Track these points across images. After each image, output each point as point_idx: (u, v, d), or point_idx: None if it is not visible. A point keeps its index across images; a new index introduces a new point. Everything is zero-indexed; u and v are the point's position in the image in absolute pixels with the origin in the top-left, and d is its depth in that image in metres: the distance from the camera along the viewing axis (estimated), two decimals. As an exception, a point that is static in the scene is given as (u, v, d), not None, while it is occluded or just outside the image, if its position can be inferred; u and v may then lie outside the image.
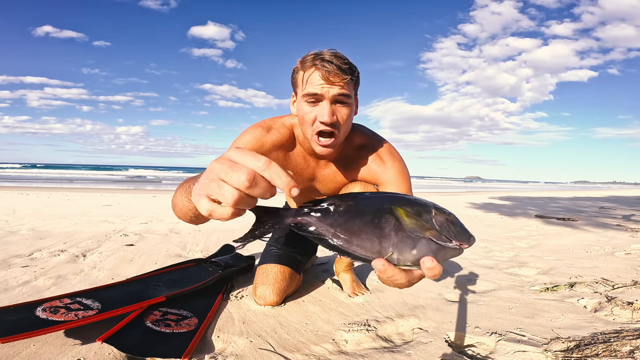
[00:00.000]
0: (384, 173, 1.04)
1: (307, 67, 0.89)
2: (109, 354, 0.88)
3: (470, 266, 1.82)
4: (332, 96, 0.88)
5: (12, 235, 2.33)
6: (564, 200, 7.37)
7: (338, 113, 0.90)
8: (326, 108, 0.88)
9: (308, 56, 0.90)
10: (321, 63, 0.87)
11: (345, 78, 0.87)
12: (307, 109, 0.90)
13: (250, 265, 1.64)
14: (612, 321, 1.10)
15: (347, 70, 0.88)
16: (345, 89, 0.88)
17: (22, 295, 1.26)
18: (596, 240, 2.53)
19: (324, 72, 0.86)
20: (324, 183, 1.13)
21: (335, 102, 0.89)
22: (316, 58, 0.88)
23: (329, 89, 0.87)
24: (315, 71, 0.87)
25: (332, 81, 0.87)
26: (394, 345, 0.98)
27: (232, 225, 3.12)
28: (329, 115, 0.87)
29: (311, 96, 0.88)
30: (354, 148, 1.07)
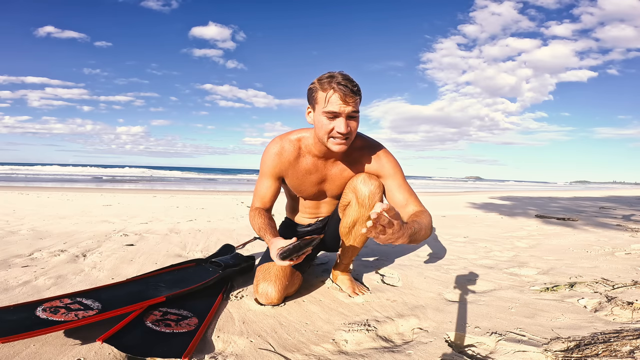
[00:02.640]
0: (382, 168, 1.28)
1: (326, 88, 1.09)
2: (109, 354, 0.88)
3: (470, 266, 1.82)
4: (347, 113, 1.09)
5: (12, 235, 2.33)
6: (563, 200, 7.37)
7: (351, 125, 1.12)
8: (343, 123, 1.09)
9: (324, 78, 1.10)
10: (338, 86, 1.07)
11: (356, 99, 1.10)
12: (326, 122, 1.11)
13: (250, 265, 1.64)
14: (612, 321, 1.10)
15: (357, 92, 1.10)
16: (355, 107, 1.11)
17: (22, 295, 1.26)
18: (596, 240, 2.53)
19: (342, 95, 1.07)
20: (333, 181, 1.32)
21: (348, 118, 1.11)
22: (332, 81, 1.08)
23: (345, 108, 1.08)
24: (334, 93, 1.08)
25: (347, 102, 1.08)
26: (394, 345, 0.98)
27: (232, 225, 3.12)
28: (345, 128, 1.09)
29: (331, 113, 1.09)
30: (356, 149, 1.28)
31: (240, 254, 1.75)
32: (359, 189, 1.23)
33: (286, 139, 1.28)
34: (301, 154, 1.28)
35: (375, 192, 1.22)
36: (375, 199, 1.23)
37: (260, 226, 1.24)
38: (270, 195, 1.32)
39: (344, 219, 1.31)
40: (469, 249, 2.27)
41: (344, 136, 1.12)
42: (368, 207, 1.23)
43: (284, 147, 1.27)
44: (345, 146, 1.14)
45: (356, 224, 1.28)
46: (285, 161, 1.27)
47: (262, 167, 1.31)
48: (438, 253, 2.13)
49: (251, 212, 1.32)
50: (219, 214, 3.90)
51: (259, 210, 1.30)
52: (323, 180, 1.32)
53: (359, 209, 1.25)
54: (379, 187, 1.23)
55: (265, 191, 1.32)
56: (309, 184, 1.32)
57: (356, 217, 1.26)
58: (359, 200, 1.23)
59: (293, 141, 1.28)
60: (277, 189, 1.33)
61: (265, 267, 1.28)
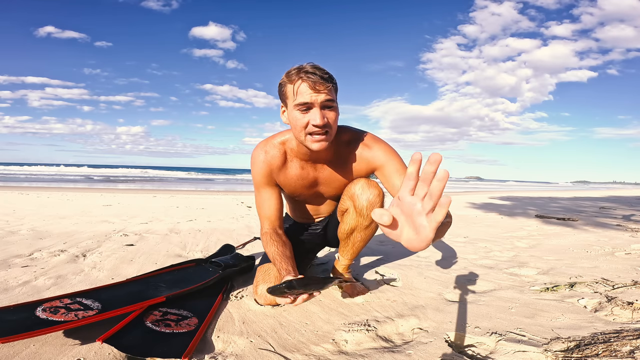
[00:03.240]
0: (374, 157, 1.17)
1: (294, 80, 1.01)
2: (109, 354, 0.88)
3: (470, 266, 1.82)
4: (320, 102, 1.00)
5: (12, 235, 2.33)
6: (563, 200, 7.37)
7: (327, 116, 1.02)
8: (317, 113, 1.00)
9: (292, 71, 1.02)
10: (306, 75, 0.99)
11: (328, 86, 1.00)
12: (299, 116, 1.02)
13: (250, 265, 1.64)
14: (612, 321, 1.10)
15: (328, 79, 1.01)
16: (329, 95, 1.01)
17: (22, 295, 1.26)
18: (596, 240, 2.53)
19: (311, 83, 0.99)
20: (328, 184, 1.24)
21: (323, 108, 1.02)
22: (300, 72, 1.00)
23: (317, 97, 1.00)
24: (303, 83, 1.00)
25: (318, 90, 0.99)
26: (394, 345, 0.98)
27: (232, 225, 3.12)
28: (320, 118, 1.00)
29: (303, 105, 1.00)
30: (343, 144, 1.18)
31: (240, 254, 1.75)
32: (357, 197, 1.15)
33: (270, 144, 1.20)
34: (288, 159, 1.19)
35: (374, 202, 1.14)
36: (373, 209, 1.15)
37: (274, 257, 1.11)
38: (274, 209, 1.23)
39: (342, 225, 1.26)
40: (469, 249, 2.27)
41: (322, 130, 1.02)
42: (366, 216, 1.17)
43: (269, 153, 1.19)
44: (325, 142, 1.04)
45: (354, 231, 1.23)
46: (274, 167, 1.19)
47: (254, 179, 1.23)
48: (438, 253, 2.13)
49: (263, 238, 1.21)
50: (219, 214, 3.90)
51: (269, 236, 1.19)
52: (316, 184, 1.24)
53: (356, 217, 1.18)
54: (378, 196, 1.15)
55: (267, 205, 1.23)
56: (302, 189, 1.25)
57: (354, 225, 1.21)
58: (357, 209, 1.17)
59: (277, 145, 1.19)
60: (277, 198, 1.25)
61: (265, 268, 1.27)
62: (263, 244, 1.20)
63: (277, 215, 1.24)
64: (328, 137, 1.05)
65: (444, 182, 0.41)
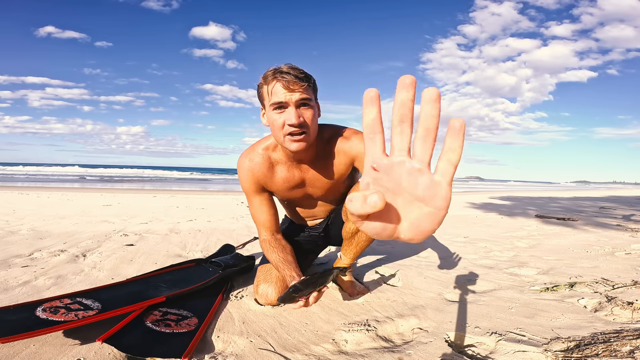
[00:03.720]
0: (352, 147, 1.14)
1: (269, 81, 1.01)
2: (109, 354, 0.88)
3: (470, 266, 1.82)
4: (295, 101, 1.00)
5: (12, 235, 2.33)
6: (563, 200, 7.37)
7: (303, 115, 1.01)
8: (292, 112, 1.00)
9: (268, 72, 1.02)
10: (281, 75, 0.99)
11: (303, 85, 1.00)
12: (275, 117, 1.02)
13: (250, 265, 1.64)
14: (612, 321, 1.10)
15: (303, 78, 1.00)
16: (305, 94, 1.01)
17: (22, 295, 1.26)
18: (596, 240, 2.53)
19: (284, 82, 0.98)
20: (314, 185, 1.22)
21: (299, 107, 1.01)
22: (276, 72, 1.00)
23: (292, 96, 0.99)
24: (277, 83, 1.00)
25: (292, 89, 0.99)
26: (394, 345, 0.98)
27: (232, 225, 3.12)
28: (295, 117, 0.99)
29: (277, 104, 1.00)
30: (324, 143, 1.16)
31: (240, 254, 1.75)
32: None
33: (254, 152, 1.19)
34: (273, 164, 1.18)
35: None
36: None
37: (277, 264, 1.13)
38: (268, 215, 1.23)
39: (347, 224, 1.26)
40: (469, 249, 2.27)
41: (299, 129, 1.01)
42: None
43: (254, 160, 1.18)
44: (304, 142, 1.03)
45: (359, 231, 1.22)
46: (259, 174, 1.18)
47: (243, 188, 1.22)
48: (438, 253, 2.13)
49: (262, 246, 1.23)
50: (219, 214, 3.90)
51: (268, 243, 1.20)
52: (303, 185, 1.22)
53: None
54: None
55: (260, 212, 1.23)
56: (291, 193, 1.24)
57: None
58: None
59: (261, 152, 1.18)
60: (270, 203, 1.24)
61: (266, 268, 1.27)
62: (263, 251, 1.21)
63: (272, 220, 1.24)
64: (306, 137, 1.03)
65: (437, 102, 0.28)
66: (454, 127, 0.28)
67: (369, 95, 0.29)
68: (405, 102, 0.28)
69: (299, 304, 0.91)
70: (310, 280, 0.92)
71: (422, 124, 0.28)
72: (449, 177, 0.29)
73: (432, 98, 0.27)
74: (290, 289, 0.90)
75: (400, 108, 0.28)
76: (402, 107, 0.28)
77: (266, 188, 1.22)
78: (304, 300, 0.91)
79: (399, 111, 0.28)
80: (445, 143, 0.28)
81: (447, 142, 0.28)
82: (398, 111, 0.29)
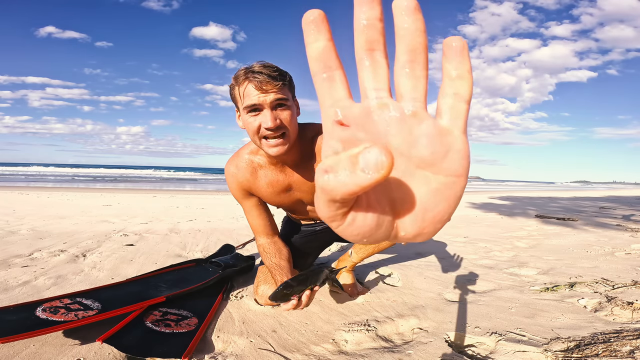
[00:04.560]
0: None
1: (241, 82, 0.94)
2: (109, 354, 0.88)
3: (470, 266, 1.82)
4: (270, 103, 0.92)
5: (12, 235, 2.33)
6: (563, 200, 7.37)
7: (280, 116, 0.94)
8: (267, 115, 0.92)
9: (240, 72, 0.95)
10: (252, 75, 0.91)
11: (277, 84, 0.92)
12: (250, 120, 0.95)
13: (250, 265, 1.64)
14: (612, 321, 1.10)
15: (277, 77, 0.92)
16: (280, 93, 0.93)
17: (22, 295, 1.26)
18: (596, 240, 2.53)
19: (257, 83, 0.91)
20: (301, 189, 1.14)
21: (275, 108, 0.94)
22: (247, 72, 0.93)
23: (266, 97, 0.92)
24: (249, 84, 0.92)
25: (265, 90, 0.91)
26: (394, 345, 0.98)
27: (232, 225, 3.12)
28: (271, 120, 0.92)
29: (251, 107, 0.93)
30: (308, 142, 1.09)
31: (240, 254, 1.75)
32: None
33: (238, 157, 1.14)
34: (256, 168, 1.12)
35: None
36: None
37: (271, 270, 1.12)
38: (261, 219, 1.19)
39: None
40: (469, 249, 2.27)
41: (277, 132, 0.94)
42: None
43: (238, 166, 1.13)
44: (283, 146, 0.96)
45: None
46: (243, 180, 1.13)
47: (232, 194, 1.19)
48: (438, 253, 2.13)
49: (259, 250, 1.21)
50: (219, 214, 3.90)
51: (262, 248, 1.19)
52: (290, 189, 1.15)
53: None
54: None
55: (253, 217, 1.19)
56: (279, 198, 1.17)
57: None
58: None
59: (245, 158, 1.13)
60: (261, 207, 1.20)
61: (266, 269, 1.27)
62: (261, 255, 1.20)
63: (266, 224, 1.20)
64: (286, 140, 0.96)
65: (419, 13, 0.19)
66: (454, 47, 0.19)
67: (309, 19, 0.19)
68: (372, 22, 0.18)
69: (292, 303, 0.87)
70: (301, 278, 0.89)
71: (405, 45, 0.19)
72: (462, 121, 0.19)
73: (411, 7, 0.18)
74: (281, 286, 0.87)
75: (364, 31, 0.19)
76: (368, 29, 0.19)
77: (253, 193, 1.17)
78: (296, 299, 0.87)
79: (364, 35, 0.19)
80: (446, 70, 0.19)
81: (449, 68, 0.19)
82: (362, 35, 0.19)
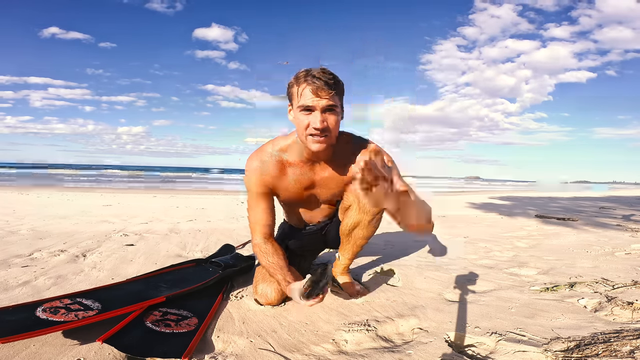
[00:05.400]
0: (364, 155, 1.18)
1: (300, 83, 1.05)
2: (109, 354, 0.88)
3: (470, 266, 1.82)
4: (322, 107, 1.04)
5: (12, 235, 2.33)
6: (563, 200, 7.37)
7: (327, 120, 1.06)
8: (317, 117, 1.04)
9: (301, 73, 1.06)
10: (311, 80, 1.03)
11: (331, 92, 1.04)
12: (302, 118, 1.07)
13: (250, 265, 1.64)
14: (612, 321, 1.10)
15: (332, 85, 1.04)
16: (331, 100, 1.05)
17: (22, 295, 1.26)
18: (596, 240, 2.53)
19: (314, 88, 1.03)
20: (325, 185, 1.23)
21: (324, 111, 1.05)
22: (307, 75, 1.04)
23: (319, 102, 1.03)
24: (307, 87, 1.04)
25: (320, 95, 1.03)
26: (394, 345, 0.98)
27: (232, 225, 3.12)
28: (320, 122, 1.04)
29: (305, 107, 1.05)
30: (341, 146, 1.20)
31: (240, 254, 1.75)
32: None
33: (264, 152, 1.20)
34: (285, 165, 1.19)
35: None
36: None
37: (269, 269, 1.17)
38: (264, 218, 1.23)
39: (344, 220, 1.27)
40: (469, 249, 2.27)
41: (321, 133, 1.05)
42: (368, 212, 1.19)
43: (264, 161, 1.19)
44: (324, 144, 1.07)
45: (356, 227, 1.24)
46: (268, 176, 1.19)
47: (249, 188, 1.23)
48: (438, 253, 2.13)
49: (255, 249, 1.24)
50: (219, 214, 3.90)
51: (259, 247, 1.22)
52: (313, 186, 1.23)
53: (359, 213, 1.21)
54: None
55: (259, 214, 1.23)
56: (298, 193, 1.24)
57: (357, 220, 1.23)
58: (360, 206, 1.19)
59: (273, 154, 1.19)
60: (270, 208, 1.24)
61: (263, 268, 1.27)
62: (256, 256, 1.22)
63: (269, 224, 1.24)
64: (327, 140, 1.08)
65: None
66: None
67: None
68: None
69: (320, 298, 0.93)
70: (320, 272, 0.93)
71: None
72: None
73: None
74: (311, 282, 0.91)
75: None
76: None
77: (273, 190, 1.22)
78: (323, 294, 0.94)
79: None
80: None
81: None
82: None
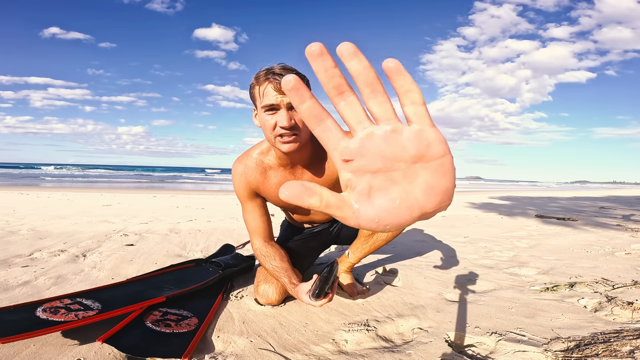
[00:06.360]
0: None
1: (261, 82, 1.00)
2: (109, 354, 0.88)
3: (470, 266, 1.82)
4: (287, 104, 0.98)
5: (12, 235, 2.33)
6: (563, 200, 7.36)
7: (295, 117, 1.00)
8: (284, 115, 0.98)
9: (261, 72, 1.01)
10: (272, 77, 0.97)
11: None
12: (267, 118, 1.01)
13: (250, 265, 1.64)
14: (612, 321, 1.10)
15: None
16: None
17: (22, 295, 1.26)
18: (596, 240, 2.53)
19: (276, 84, 0.97)
20: None
21: (291, 109, 0.99)
22: (268, 73, 0.99)
23: (283, 98, 0.97)
24: (269, 84, 0.98)
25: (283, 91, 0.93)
26: (394, 345, 0.98)
27: (232, 225, 3.12)
28: (287, 120, 0.98)
29: (269, 107, 0.99)
30: (318, 143, 1.13)
31: (240, 254, 1.75)
32: None
33: (248, 157, 1.18)
34: (265, 169, 1.17)
35: None
36: None
37: (274, 273, 1.15)
38: (261, 222, 1.22)
39: None
40: (469, 249, 2.27)
41: (290, 132, 1.00)
42: None
43: (247, 165, 1.17)
44: (295, 144, 1.02)
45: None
46: (252, 180, 1.17)
47: (237, 194, 1.21)
48: (438, 253, 2.13)
49: (256, 254, 1.22)
50: (219, 214, 3.90)
51: (259, 251, 1.20)
52: None
53: None
54: None
55: (253, 219, 1.22)
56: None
57: None
58: None
59: (254, 158, 1.17)
60: (263, 210, 1.23)
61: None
62: (259, 259, 1.21)
63: (265, 227, 1.22)
64: (298, 139, 1.03)
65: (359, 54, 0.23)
66: (392, 68, 0.23)
67: (289, 87, 0.23)
68: (330, 70, 0.23)
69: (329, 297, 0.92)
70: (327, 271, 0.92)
71: (361, 82, 0.24)
72: (427, 119, 0.24)
73: (351, 52, 0.23)
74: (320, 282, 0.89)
75: (329, 80, 0.23)
76: (331, 78, 0.23)
77: (259, 194, 1.20)
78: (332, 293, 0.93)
79: (330, 83, 0.23)
80: (397, 88, 0.24)
81: (398, 86, 0.24)
82: (329, 83, 0.23)
